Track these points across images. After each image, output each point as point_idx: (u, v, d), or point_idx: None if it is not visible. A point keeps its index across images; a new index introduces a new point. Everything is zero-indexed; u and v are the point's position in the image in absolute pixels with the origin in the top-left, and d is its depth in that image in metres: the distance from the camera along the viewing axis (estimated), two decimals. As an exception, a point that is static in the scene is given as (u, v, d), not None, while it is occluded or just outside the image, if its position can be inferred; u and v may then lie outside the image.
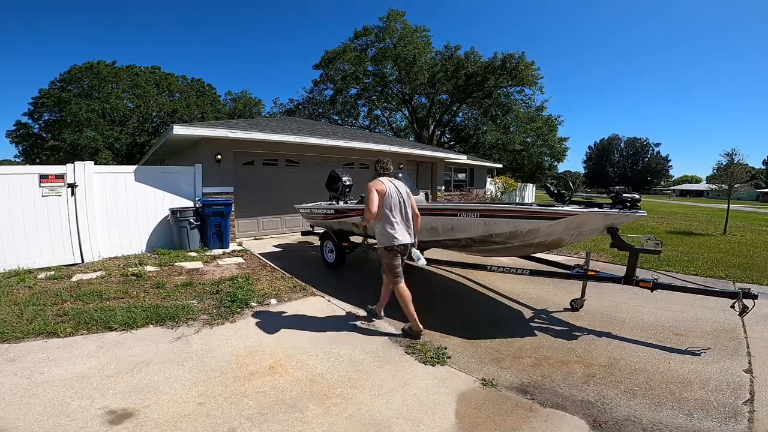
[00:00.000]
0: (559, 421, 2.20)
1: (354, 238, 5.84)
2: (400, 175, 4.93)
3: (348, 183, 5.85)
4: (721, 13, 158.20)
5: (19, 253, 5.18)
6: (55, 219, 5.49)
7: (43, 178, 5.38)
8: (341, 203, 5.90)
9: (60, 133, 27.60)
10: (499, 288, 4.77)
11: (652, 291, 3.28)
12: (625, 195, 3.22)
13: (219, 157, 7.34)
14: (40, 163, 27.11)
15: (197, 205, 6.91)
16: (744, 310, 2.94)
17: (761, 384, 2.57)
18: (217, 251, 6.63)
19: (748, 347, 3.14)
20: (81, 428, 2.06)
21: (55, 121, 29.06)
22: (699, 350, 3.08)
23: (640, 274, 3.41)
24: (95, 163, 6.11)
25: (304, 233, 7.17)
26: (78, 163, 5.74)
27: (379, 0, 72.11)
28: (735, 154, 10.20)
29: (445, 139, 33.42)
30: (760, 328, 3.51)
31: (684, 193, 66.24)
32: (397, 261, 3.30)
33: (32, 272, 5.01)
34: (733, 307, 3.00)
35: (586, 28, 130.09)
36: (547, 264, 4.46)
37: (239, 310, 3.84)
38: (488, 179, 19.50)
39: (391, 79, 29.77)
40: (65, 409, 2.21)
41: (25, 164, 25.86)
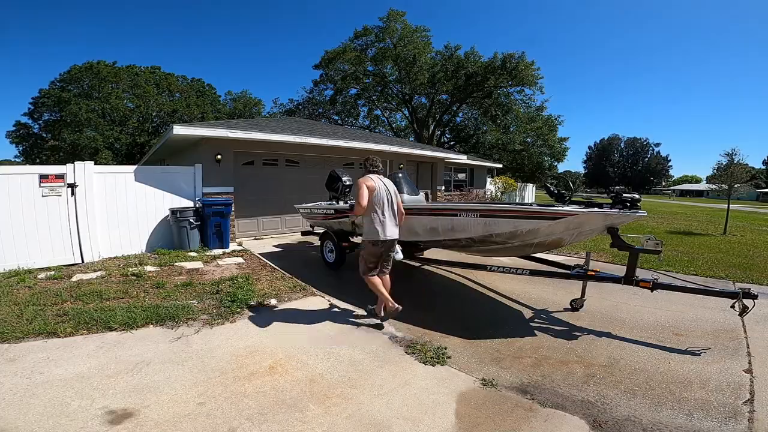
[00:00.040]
0: (559, 421, 2.20)
1: (354, 239, 5.84)
2: (401, 174, 4.95)
3: (348, 183, 5.84)
4: (721, 13, 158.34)
5: (19, 253, 5.19)
6: (55, 219, 5.49)
7: (43, 178, 5.38)
8: (341, 203, 5.90)
9: (60, 133, 27.60)
10: (499, 288, 4.78)
11: (652, 291, 3.28)
12: (625, 195, 3.23)
13: (219, 157, 7.34)
14: (40, 163, 27.07)
15: (197, 205, 6.91)
16: (744, 310, 2.94)
17: (761, 384, 2.57)
18: (217, 251, 6.63)
19: (748, 347, 3.15)
20: (81, 428, 2.06)
21: (55, 121, 29.05)
22: (699, 350, 3.08)
23: (640, 274, 3.41)
24: (95, 163, 6.11)
25: (304, 233, 7.18)
26: (78, 163, 5.74)
27: (379, 0, 72.24)
28: (735, 154, 10.22)
29: (445, 139, 33.42)
30: (760, 328, 3.52)
31: (684, 193, 66.23)
32: (376, 258, 3.51)
33: (32, 272, 5.01)
34: (733, 307, 3.00)
35: (586, 28, 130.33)
36: (547, 264, 4.47)
37: (239, 310, 3.84)
38: (488, 179, 19.49)
39: (391, 79, 29.76)
40: (65, 409, 2.21)
41: (25, 164, 25.84)
